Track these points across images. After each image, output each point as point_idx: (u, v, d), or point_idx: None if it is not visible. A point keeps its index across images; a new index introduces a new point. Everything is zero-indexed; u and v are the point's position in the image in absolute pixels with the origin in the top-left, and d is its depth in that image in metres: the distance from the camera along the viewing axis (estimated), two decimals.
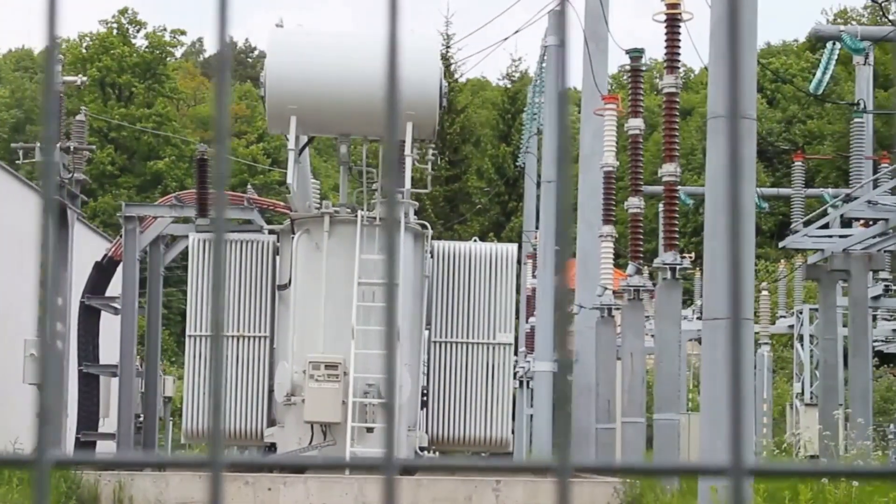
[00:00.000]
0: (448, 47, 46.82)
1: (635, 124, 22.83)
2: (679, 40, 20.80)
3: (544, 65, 35.05)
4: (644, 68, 23.48)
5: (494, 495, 19.29)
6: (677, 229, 21.06)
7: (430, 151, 22.44)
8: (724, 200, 15.90)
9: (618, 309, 24.44)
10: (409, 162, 20.46)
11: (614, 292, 24.28)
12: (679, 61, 21.04)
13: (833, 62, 28.52)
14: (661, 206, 41.15)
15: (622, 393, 23.47)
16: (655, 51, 35.17)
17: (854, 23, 57.72)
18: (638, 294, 22.53)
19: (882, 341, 35.99)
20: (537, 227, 37.66)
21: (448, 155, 41.87)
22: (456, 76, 43.88)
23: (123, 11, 68.11)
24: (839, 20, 67.75)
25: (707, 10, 17.09)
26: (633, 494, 20.57)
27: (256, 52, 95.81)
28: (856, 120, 25.84)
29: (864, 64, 28.10)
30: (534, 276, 36.55)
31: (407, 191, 20.86)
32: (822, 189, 36.46)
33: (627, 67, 23.34)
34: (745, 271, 11.09)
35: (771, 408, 36.61)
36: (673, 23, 20.72)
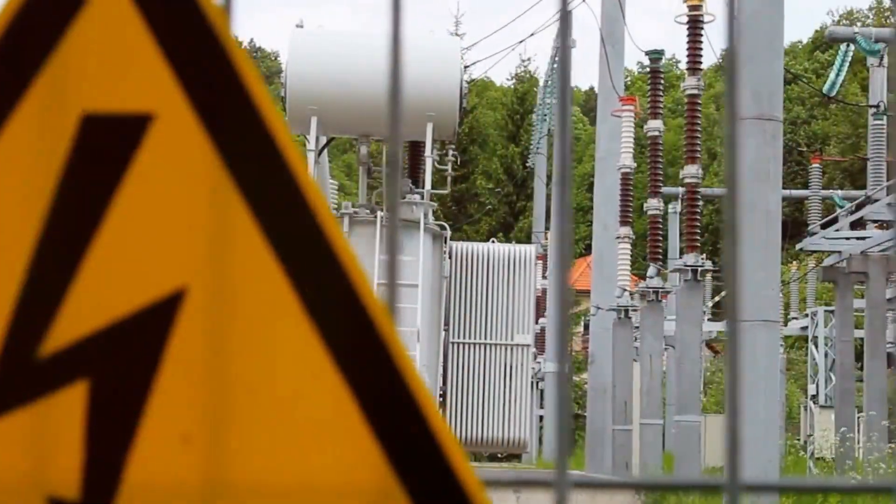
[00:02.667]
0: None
1: (655, 126, 22.81)
2: (701, 42, 20.79)
3: (555, 66, 35.05)
4: (663, 70, 23.48)
5: (515, 496, 19.28)
6: (698, 231, 21.08)
7: (450, 152, 22.40)
8: (750, 203, 15.90)
9: (634, 310, 24.46)
10: (429, 163, 20.44)
11: (630, 293, 24.32)
12: (701, 63, 21.04)
13: (847, 64, 28.54)
14: (671, 207, 41.26)
15: (640, 394, 23.47)
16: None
17: (859, 24, 57.73)
18: (657, 295, 22.56)
19: (891, 343, 35.99)
20: (547, 228, 37.71)
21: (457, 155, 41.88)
22: (465, 77, 43.84)
23: None
24: (844, 21, 67.80)
25: (716, 10, 17.08)
26: (655, 496, 20.54)
27: (258, 53, 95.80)
28: (874, 122, 25.85)
29: (879, 66, 28.08)
30: (544, 277, 36.60)
31: (427, 192, 20.83)
32: (830, 191, 36.46)
33: (636, 71, 23.38)
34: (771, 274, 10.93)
35: (784, 410, 36.66)
36: (695, 24, 20.71)
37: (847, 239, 25.10)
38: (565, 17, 1.18)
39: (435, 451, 0.99)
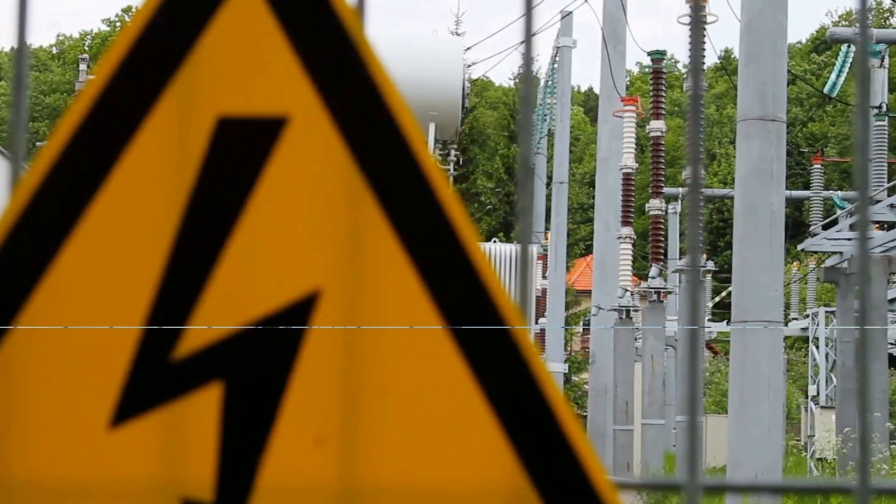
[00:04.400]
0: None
1: (657, 126, 22.80)
2: (704, 42, 20.80)
3: (555, 66, 35.02)
4: (665, 71, 23.50)
5: None
6: (701, 232, 21.08)
7: (452, 152, 22.40)
8: (754, 203, 15.91)
9: (636, 310, 24.45)
10: None
11: (631, 293, 24.31)
12: (704, 63, 21.05)
13: (848, 64, 28.56)
14: (671, 208, 41.27)
15: (642, 394, 23.47)
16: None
17: (858, 25, 57.54)
18: (659, 296, 22.54)
19: (891, 344, 36.04)
20: (547, 228, 37.67)
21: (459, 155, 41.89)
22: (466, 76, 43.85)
23: (127, 10, 68.08)
24: (843, 22, 67.79)
25: (719, 11, 17.09)
26: (657, 496, 20.54)
27: None
28: (876, 123, 25.86)
29: (880, 66, 28.09)
30: (544, 277, 36.60)
31: None
32: (830, 192, 36.48)
33: (634, 71, 23.38)
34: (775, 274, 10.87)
35: (785, 410, 36.70)
36: (697, 25, 20.71)
37: (848, 240, 25.12)
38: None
39: (567, 453, 1.00)
